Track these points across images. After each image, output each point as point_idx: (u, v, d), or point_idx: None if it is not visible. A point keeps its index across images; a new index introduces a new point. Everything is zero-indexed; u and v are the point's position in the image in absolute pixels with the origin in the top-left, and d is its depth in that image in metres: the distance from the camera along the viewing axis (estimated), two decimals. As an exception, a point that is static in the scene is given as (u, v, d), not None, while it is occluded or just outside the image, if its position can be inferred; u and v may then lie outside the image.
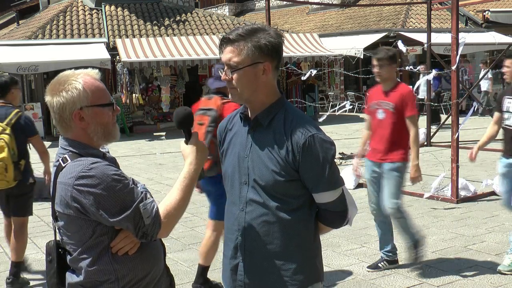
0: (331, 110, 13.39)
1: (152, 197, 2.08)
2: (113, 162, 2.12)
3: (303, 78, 12.74)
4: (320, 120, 12.89)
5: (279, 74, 2.24)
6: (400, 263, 5.19)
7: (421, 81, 14.20)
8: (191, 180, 2.06)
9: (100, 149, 2.14)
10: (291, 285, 2.17)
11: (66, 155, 2.03)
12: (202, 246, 4.68)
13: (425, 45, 12.55)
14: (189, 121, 2.15)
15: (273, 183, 2.11)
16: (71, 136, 2.07)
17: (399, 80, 5.23)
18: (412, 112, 4.91)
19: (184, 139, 2.17)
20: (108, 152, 2.18)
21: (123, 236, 2.02)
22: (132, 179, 2.18)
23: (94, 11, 19.88)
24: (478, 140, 13.02)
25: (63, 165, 2.00)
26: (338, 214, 2.20)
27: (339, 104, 14.58)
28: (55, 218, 2.07)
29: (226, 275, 2.30)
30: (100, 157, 2.06)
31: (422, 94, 14.69)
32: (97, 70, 2.16)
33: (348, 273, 5.02)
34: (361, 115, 18.28)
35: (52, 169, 2.08)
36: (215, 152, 3.97)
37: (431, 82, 13.75)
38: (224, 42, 2.12)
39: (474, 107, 9.07)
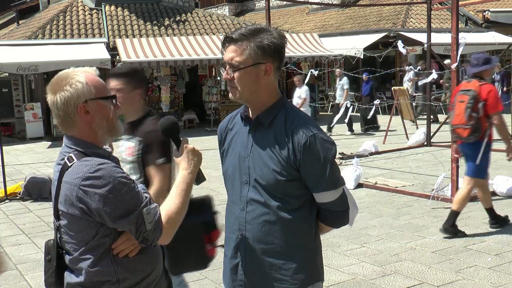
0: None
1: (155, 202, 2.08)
2: (117, 163, 2.12)
3: (304, 83, 13.00)
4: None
5: (280, 74, 2.24)
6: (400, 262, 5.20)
7: (338, 85, 14.26)
8: (187, 184, 2.07)
9: (104, 147, 2.13)
10: (292, 285, 2.17)
11: (71, 154, 2.01)
12: (457, 195, 6.01)
13: (425, 45, 12.54)
14: (175, 129, 2.16)
15: (274, 183, 2.12)
16: (76, 134, 2.06)
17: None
18: None
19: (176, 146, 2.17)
20: (112, 152, 2.18)
21: (125, 238, 2.02)
22: (133, 179, 2.18)
23: (94, 11, 19.88)
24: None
25: (69, 164, 1.99)
26: (339, 213, 2.21)
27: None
28: (57, 216, 2.06)
29: (227, 275, 2.30)
30: (106, 157, 2.05)
31: (339, 99, 14.61)
32: (95, 67, 2.16)
33: (348, 273, 5.02)
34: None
35: (56, 168, 2.07)
36: (473, 121, 5.55)
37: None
38: (227, 41, 2.12)
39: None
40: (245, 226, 2.19)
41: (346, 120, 14.35)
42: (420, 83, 15.89)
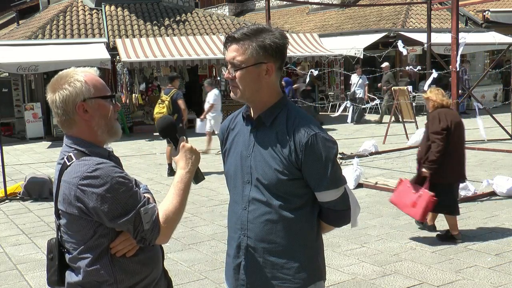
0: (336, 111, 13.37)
1: (155, 200, 2.09)
2: (117, 162, 2.13)
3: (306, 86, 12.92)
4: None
5: (281, 74, 2.25)
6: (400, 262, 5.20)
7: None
8: (185, 184, 2.08)
9: (104, 147, 2.14)
10: (294, 284, 2.17)
11: (71, 154, 2.02)
12: None
13: (425, 45, 12.55)
14: (171, 129, 2.18)
15: (276, 182, 2.12)
16: (75, 133, 2.07)
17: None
18: None
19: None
20: (112, 151, 2.18)
21: (123, 238, 2.02)
22: (135, 179, 2.18)
23: (94, 11, 19.87)
24: (478, 141, 12.96)
25: (68, 163, 2.00)
26: (341, 212, 2.21)
27: (339, 105, 14.59)
28: (58, 215, 2.08)
29: (229, 274, 2.31)
30: (105, 157, 2.06)
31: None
32: (95, 68, 2.18)
33: (348, 273, 5.02)
34: (361, 115, 18.24)
35: (56, 167, 2.08)
36: None
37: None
38: (229, 40, 2.13)
39: (477, 107, 9.08)
40: (247, 225, 2.19)
41: (349, 121, 14.25)
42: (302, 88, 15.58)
